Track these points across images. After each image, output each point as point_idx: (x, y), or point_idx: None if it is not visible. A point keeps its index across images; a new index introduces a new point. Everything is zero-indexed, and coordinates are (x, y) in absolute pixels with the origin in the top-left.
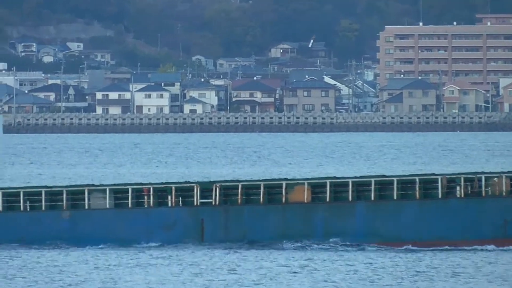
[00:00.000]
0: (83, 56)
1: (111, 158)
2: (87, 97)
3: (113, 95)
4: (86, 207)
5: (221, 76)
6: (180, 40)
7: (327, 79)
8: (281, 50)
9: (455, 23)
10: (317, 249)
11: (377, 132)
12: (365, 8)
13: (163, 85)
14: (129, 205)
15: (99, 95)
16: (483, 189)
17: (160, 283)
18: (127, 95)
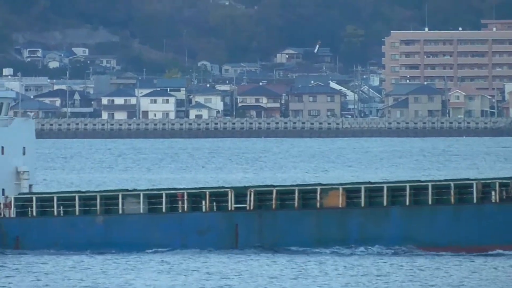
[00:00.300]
0: (89, 62)
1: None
2: (93, 103)
3: (119, 101)
4: (120, 212)
5: (227, 82)
6: (186, 46)
7: (333, 85)
8: (287, 56)
9: (461, 29)
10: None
11: (383, 138)
12: (371, 14)
13: (169, 91)
14: (163, 210)
15: (105, 101)
16: None
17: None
18: (133, 101)
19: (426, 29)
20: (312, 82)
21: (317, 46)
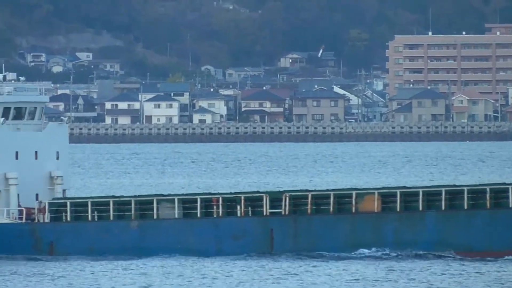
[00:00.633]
0: (93, 66)
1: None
2: (96, 107)
3: (122, 105)
4: (155, 217)
5: (230, 86)
6: (190, 50)
7: (336, 89)
8: (290, 60)
9: (464, 33)
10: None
11: (386, 142)
12: (375, 18)
13: (173, 95)
14: (198, 215)
15: (108, 105)
16: None
17: None
18: (136, 105)
19: (430, 33)
20: (316, 87)
21: (321, 50)
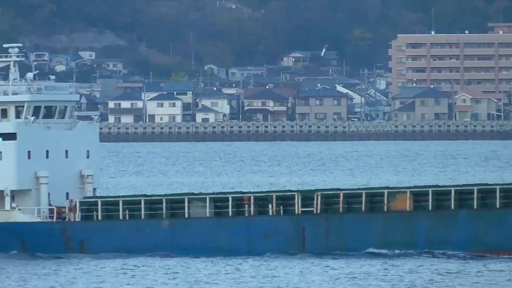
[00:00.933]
0: (95, 65)
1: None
2: (99, 106)
3: (125, 104)
4: (186, 216)
5: (233, 85)
6: (193, 49)
7: (339, 88)
8: (293, 59)
9: (467, 32)
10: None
11: (389, 141)
12: (377, 17)
13: (176, 94)
14: (229, 214)
15: (111, 104)
16: None
17: None
18: (139, 104)
19: (433, 33)
20: (319, 86)
21: (324, 50)
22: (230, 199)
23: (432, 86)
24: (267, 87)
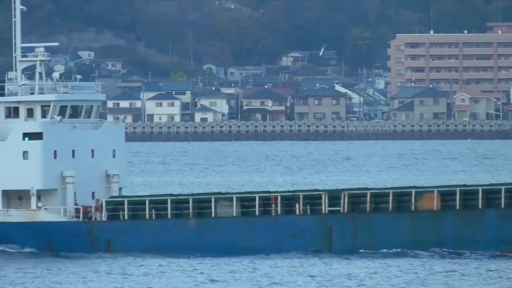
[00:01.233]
0: (94, 65)
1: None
2: None
3: (124, 104)
4: (213, 216)
5: (232, 85)
6: (191, 49)
7: (338, 88)
8: (292, 59)
9: (466, 32)
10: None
11: (388, 140)
12: (376, 17)
13: (174, 94)
14: (256, 214)
15: (110, 104)
16: None
17: None
18: (138, 104)
19: (432, 32)
20: (318, 85)
21: (323, 49)
22: (257, 199)
23: (431, 86)
24: (266, 87)
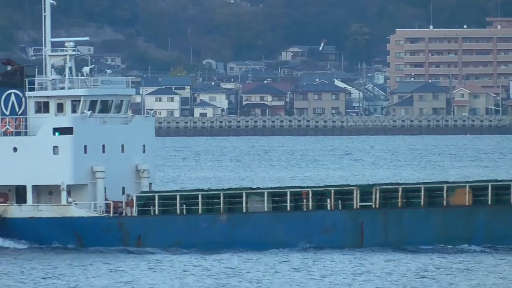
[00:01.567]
0: (94, 60)
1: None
2: None
3: None
4: (244, 211)
5: (232, 80)
6: (191, 44)
7: (338, 83)
8: (292, 54)
9: (466, 27)
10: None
11: (388, 136)
12: (376, 12)
13: (174, 89)
14: (288, 209)
15: None
16: None
17: None
18: (138, 99)
19: (431, 27)
20: (317, 80)
21: (322, 44)
22: (288, 194)
23: (430, 81)
24: (265, 82)
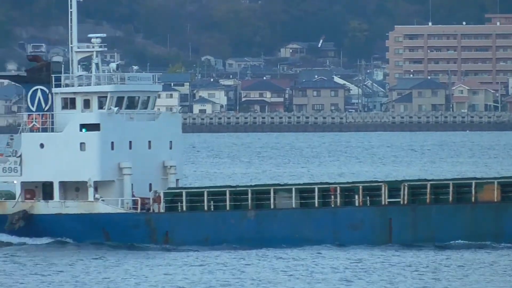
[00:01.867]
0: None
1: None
2: None
3: None
4: (272, 207)
5: (231, 76)
6: (190, 40)
7: (337, 79)
8: (291, 50)
9: (464, 23)
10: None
11: (387, 132)
12: (375, 9)
13: (173, 85)
14: (316, 205)
15: None
16: None
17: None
18: None
19: (430, 24)
20: (316, 77)
21: (321, 41)
22: (316, 190)
23: (429, 77)
24: (264, 78)
